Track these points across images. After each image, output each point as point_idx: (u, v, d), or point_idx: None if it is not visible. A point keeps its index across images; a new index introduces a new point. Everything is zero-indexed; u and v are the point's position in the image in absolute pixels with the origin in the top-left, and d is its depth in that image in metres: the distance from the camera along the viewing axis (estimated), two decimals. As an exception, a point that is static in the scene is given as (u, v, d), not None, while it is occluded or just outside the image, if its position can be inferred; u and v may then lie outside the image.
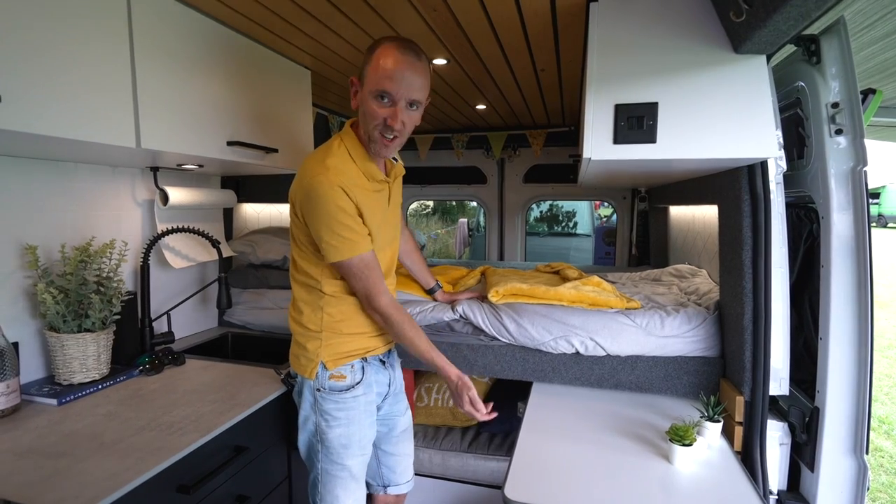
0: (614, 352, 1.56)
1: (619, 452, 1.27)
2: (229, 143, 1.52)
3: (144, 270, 1.66)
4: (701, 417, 1.33)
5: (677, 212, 2.65)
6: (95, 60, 1.11)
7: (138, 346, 1.63)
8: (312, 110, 2.07)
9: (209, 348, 1.92)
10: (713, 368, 1.51)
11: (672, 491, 1.12)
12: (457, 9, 1.40)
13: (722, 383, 1.48)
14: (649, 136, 1.23)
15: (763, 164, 1.29)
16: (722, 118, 1.21)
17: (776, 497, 1.39)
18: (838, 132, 1.26)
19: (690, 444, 1.19)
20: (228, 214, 2.21)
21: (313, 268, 1.25)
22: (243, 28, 1.56)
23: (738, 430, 1.35)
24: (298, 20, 1.49)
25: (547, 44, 1.68)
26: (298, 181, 1.18)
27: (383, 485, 1.50)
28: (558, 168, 3.38)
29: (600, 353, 1.57)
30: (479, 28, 1.54)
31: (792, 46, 1.33)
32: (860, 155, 1.25)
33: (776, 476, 1.38)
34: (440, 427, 2.05)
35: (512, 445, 1.32)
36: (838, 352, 1.29)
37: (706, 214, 2.11)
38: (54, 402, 1.25)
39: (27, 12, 0.97)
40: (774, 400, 1.45)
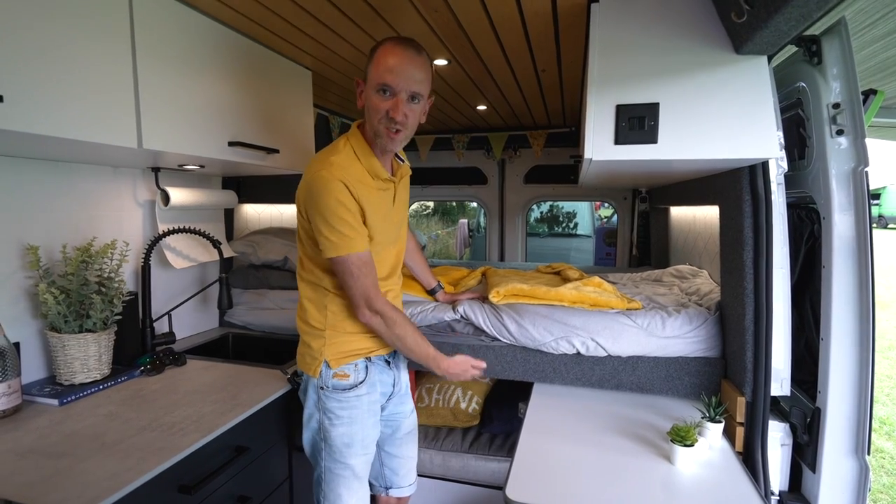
0: (615, 352, 1.56)
1: (621, 453, 1.27)
2: (230, 144, 1.52)
3: (145, 271, 1.66)
4: (702, 418, 1.33)
5: (678, 212, 2.65)
6: (97, 61, 1.11)
7: (139, 347, 1.63)
8: (313, 111, 2.07)
9: (210, 349, 1.92)
10: (714, 369, 1.51)
11: (673, 491, 1.12)
12: (458, 9, 1.40)
13: (723, 384, 1.48)
14: (650, 137, 1.23)
15: (764, 165, 1.29)
16: (723, 119, 1.21)
17: (777, 498, 1.38)
18: (839, 133, 1.26)
19: (692, 445, 1.19)
20: (229, 215, 2.21)
21: (318, 265, 1.26)
22: (245, 29, 1.56)
23: (740, 431, 1.34)
24: (300, 21, 1.50)
25: (548, 44, 1.68)
26: (304, 178, 1.20)
27: (386, 486, 1.50)
28: (559, 169, 3.38)
29: (601, 354, 1.57)
30: (480, 29, 1.54)
31: (793, 47, 1.33)
32: (861, 155, 1.25)
33: (777, 477, 1.38)
34: (441, 428, 2.05)
35: (513, 446, 1.32)
36: (839, 352, 1.29)
37: (707, 215, 2.11)
38: (55, 403, 1.26)
39: (29, 14, 0.97)
40: (776, 400, 1.45)
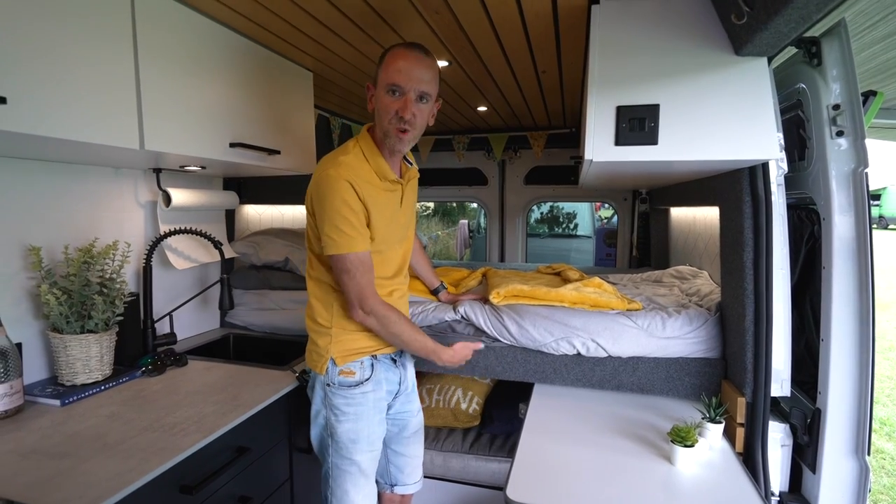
0: (616, 353, 1.56)
1: (621, 453, 1.27)
2: (232, 145, 1.53)
3: (147, 272, 1.67)
4: (702, 419, 1.33)
5: (678, 213, 2.65)
6: (99, 63, 1.11)
7: (141, 348, 1.63)
8: (314, 112, 2.07)
9: (211, 349, 1.92)
10: (715, 370, 1.51)
11: (674, 492, 1.12)
12: (459, 11, 1.41)
13: (723, 384, 1.48)
14: (651, 138, 1.24)
15: (764, 166, 1.30)
16: (723, 120, 1.21)
17: (778, 498, 1.39)
18: (839, 134, 1.26)
19: (692, 446, 1.19)
20: (230, 216, 2.21)
21: (325, 263, 1.28)
22: (246, 30, 1.57)
23: (740, 432, 1.35)
24: (301, 23, 1.50)
25: (548, 46, 1.68)
26: (313, 176, 1.25)
27: (391, 483, 1.51)
28: (559, 169, 3.38)
29: (602, 355, 1.57)
30: (481, 30, 1.55)
31: (793, 48, 1.34)
32: (861, 157, 1.25)
33: (778, 477, 1.39)
34: (441, 428, 2.05)
35: (513, 447, 1.32)
36: (839, 353, 1.29)
37: (707, 216, 2.11)
38: (57, 403, 1.26)
39: (32, 16, 0.97)
40: (776, 401, 1.45)
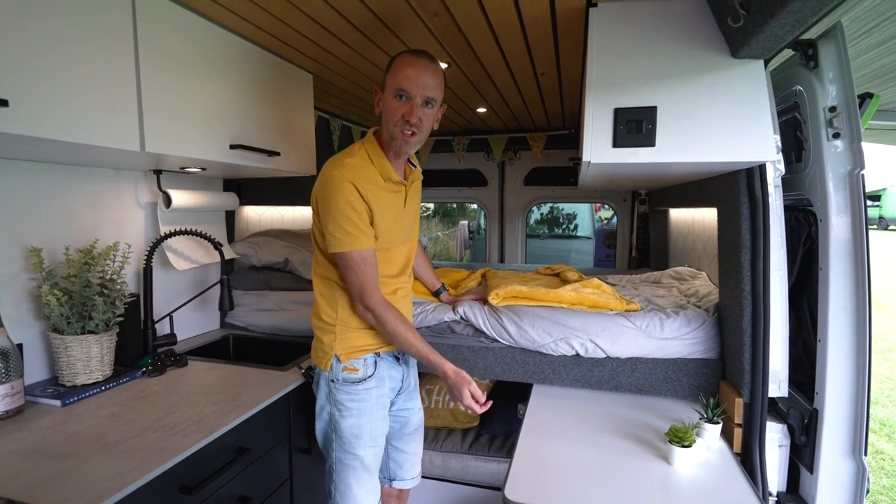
0: (614, 354, 1.56)
1: (619, 454, 1.28)
2: (232, 147, 1.53)
3: (147, 273, 1.67)
4: (700, 419, 1.33)
5: (677, 214, 2.66)
6: (100, 66, 1.12)
7: (141, 348, 1.64)
8: (314, 113, 2.08)
9: (211, 350, 1.93)
10: (713, 370, 1.52)
11: (671, 492, 1.12)
12: (457, 14, 1.41)
13: (721, 385, 1.48)
14: (648, 140, 1.25)
15: (761, 168, 1.30)
16: (720, 122, 1.22)
17: (775, 499, 1.39)
18: (836, 136, 1.27)
19: (690, 446, 1.20)
20: (230, 217, 2.22)
21: (330, 261, 1.31)
22: (246, 33, 1.57)
23: (738, 432, 1.35)
24: (301, 25, 1.51)
25: (547, 48, 1.69)
26: (319, 177, 1.27)
27: (389, 478, 1.54)
28: (558, 171, 3.39)
29: (600, 355, 1.57)
30: (480, 33, 1.55)
31: (790, 50, 1.34)
32: (857, 158, 1.25)
33: (775, 478, 1.39)
34: (441, 429, 2.06)
35: (512, 447, 1.33)
36: (836, 354, 1.30)
37: (706, 217, 2.12)
38: (58, 404, 1.26)
39: (33, 19, 0.98)
40: (774, 402, 1.46)
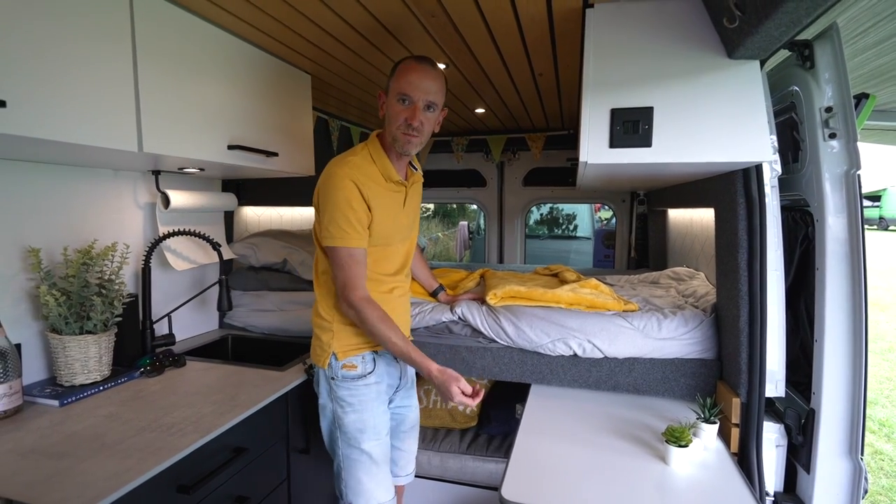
0: (612, 354, 1.56)
1: (616, 454, 1.28)
2: (230, 147, 1.53)
3: (146, 273, 1.67)
4: (697, 419, 1.34)
5: (676, 215, 2.66)
6: (98, 66, 1.12)
7: (139, 348, 1.64)
8: (313, 114, 2.08)
9: (210, 350, 1.93)
10: (710, 370, 1.52)
11: (668, 492, 1.13)
12: (455, 14, 1.42)
13: (719, 385, 1.48)
14: (645, 141, 1.25)
15: (758, 168, 1.30)
16: (716, 122, 1.22)
17: (772, 499, 1.39)
18: (832, 136, 1.27)
19: (686, 446, 1.20)
20: (229, 217, 2.22)
21: (328, 259, 1.32)
22: (244, 33, 1.58)
23: (735, 432, 1.35)
24: (299, 26, 1.51)
25: (544, 49, 1.69)
26: (322, 173, 1.29)
27: None
28: (557, 171, 3.40)
29: (598, 356, 1.58)
30: (477, 33, 1.56)
31: (787, 51, 1.35)
32: (853, 159, 1.26)
33: (772, 477, 1.39)
34: (439, 429, 2.06)
35: (510, 447, 1.33)
36: (833, 354, 1.30)
37: (704, 217, 2.12)
38: (56, 404, 1.27)
39: (30, 19, 0.98)
40: (771, 402, 1.46)
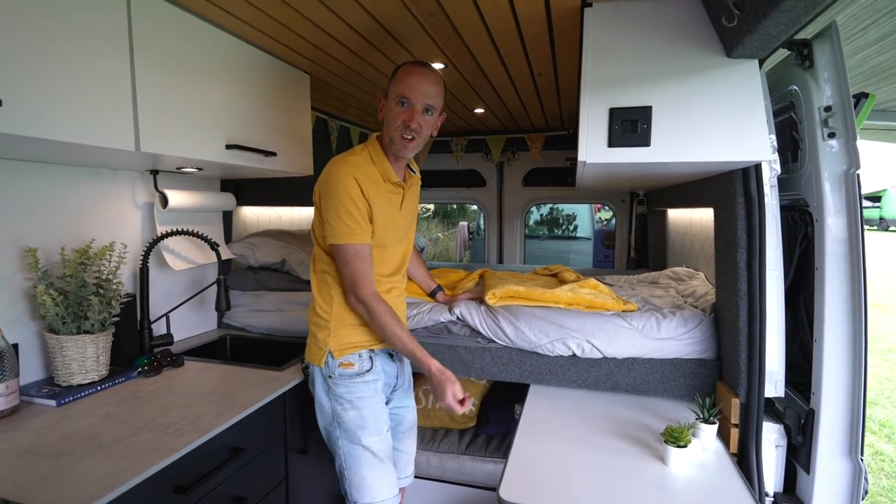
0: (611, 354, 1.56)
1: (615, 454, 1.27)
2: (228, 147, 1.53)
3: (144, 273, 1.67)
4: (696, 419, 1.33)
5: (675, 215, 2.66)
6: (95, 65, 1.12)
7: (137, 348, 1.63)
8: (311, 114, 2.08)
9: (208, 350, 1.92)
10: (709, 370, 1.52)
11: (667, 492, 1.12)
12: (453, 14, 1.42)
13: (718, 385, 1.48)
14: (643, 140, 1.25)
15: (757, 168, 1.30)
16: (715, 122, 1.22)
17: (772, 499, 1.39)
18: (831, 136, 1.27)
19: (685, 446, 1.20)
20: (228, 217, 2.22)
21: (327, 257, 1.34)
22: (243, 33, 1.58)
23: (734, 432, 1.35)
24: (298, 26, 1.51)
25: (543, 48, 1.69)
26: (322, 172, 1.31)
27: None
28: (557, 171, 3.39)
29: (597, 356, 1.57)
30: (476, 33, 1.56)
31: (786, 50, 1.34)
32: (853, 158, 1.26)
33: (772, 478, 1.39)
34: (438, 429, 2.06)
35: (509, 447, 1.32)
36: (833, 354, 1.30)
37: (703, 217, 2.12)
38: (53, 404, 1.26)
39: (26, 17, 0.98)
40: (770, 402, 1.46)
